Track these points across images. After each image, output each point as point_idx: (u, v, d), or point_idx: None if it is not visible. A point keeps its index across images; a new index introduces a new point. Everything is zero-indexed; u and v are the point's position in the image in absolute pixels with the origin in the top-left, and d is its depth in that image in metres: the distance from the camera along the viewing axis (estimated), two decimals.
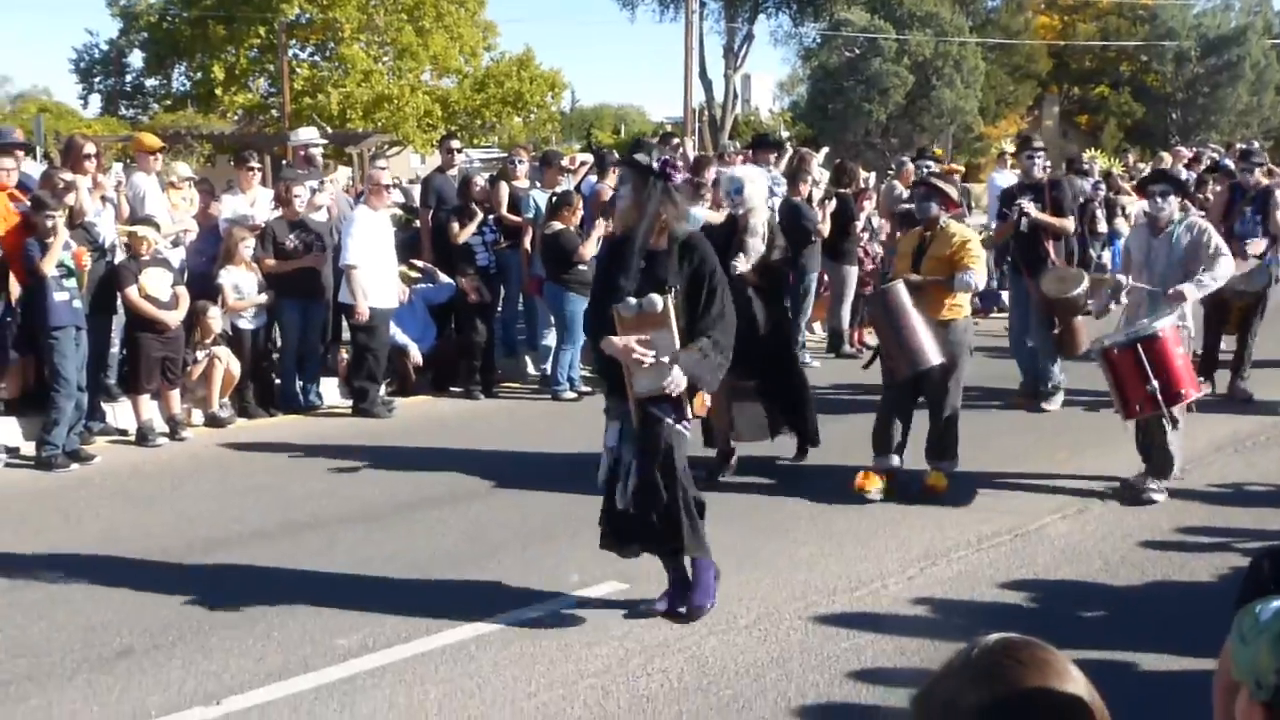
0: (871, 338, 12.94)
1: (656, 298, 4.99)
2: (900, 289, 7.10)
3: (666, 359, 5.01)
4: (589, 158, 13.83)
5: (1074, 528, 6.67)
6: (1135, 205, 15.48)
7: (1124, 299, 7.62)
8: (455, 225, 10.51)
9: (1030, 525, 6.64)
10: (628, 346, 5.03)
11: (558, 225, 10.27)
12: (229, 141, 27.82)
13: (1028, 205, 9.63)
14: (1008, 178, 16.33)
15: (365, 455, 8.43)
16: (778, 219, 11.16)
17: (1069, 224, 9.92)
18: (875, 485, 7.18)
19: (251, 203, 10.41)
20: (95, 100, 38.66)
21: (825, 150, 16.45)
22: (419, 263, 11.19)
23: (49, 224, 8.12)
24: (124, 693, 4.63)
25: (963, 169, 19.98)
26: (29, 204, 8.44)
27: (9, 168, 8.60)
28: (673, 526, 5.20)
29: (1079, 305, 8.87)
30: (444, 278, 10.70)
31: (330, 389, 10.28)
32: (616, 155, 13.00)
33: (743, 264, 7.53)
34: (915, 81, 38.86)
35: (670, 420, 5.15)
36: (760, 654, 4.97)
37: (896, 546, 6.34)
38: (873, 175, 12.10)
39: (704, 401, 5.26)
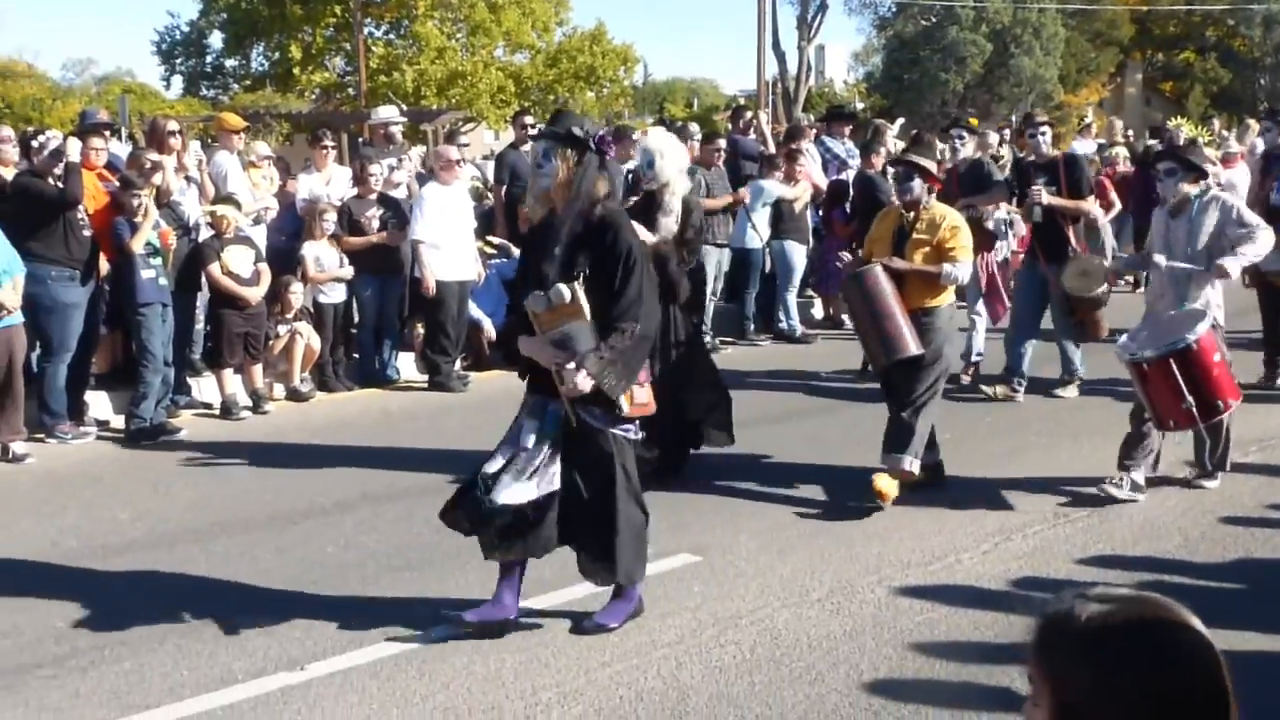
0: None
1: (564, 287, 4.55)
2: (879, 272, 6.52)
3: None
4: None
5: (1153, 503, 6.58)
6: (1222, 174, 15.15)
7: (1151, 279, 7.01)
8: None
9: (1108, 501, 6.56)
10: (547, 355, 4.64)
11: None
12: (306, 120, 28.19)
13: (1039, 193, 8.74)
14: (1088, 146, 16.09)
15: (440, 428, 8.56)
16: (852, 191, 11.08)
17: (1089, 205, 9.07)
18: (891, 490, 6.52)
19: (327, 181, 10.58)
20: (177, 81, 39.48)
21: (900, 121, 16.26)
22: (494, 239, 11.29)
23: (137, 203, 8.34)
24: (211, 657, 4.77)
25: None
26: (117, 183, 8.67)
27: (98, 148, 8.82)
28: (605, 548, 4.80)
29: (1101, 301, 8.44)
30: (517, 252, 10.79)
31: (407, 363, 10.43)
32: (695, 127, 12.98)
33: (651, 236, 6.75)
34: (993, 49, 38.22)
35: (604, 425, 4.71)
36: (833, 627, 4.98)
37: (971, 521, 6.31)
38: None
39: (634, 399, 4.74)
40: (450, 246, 9.85)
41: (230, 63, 38.92)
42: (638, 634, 4.93)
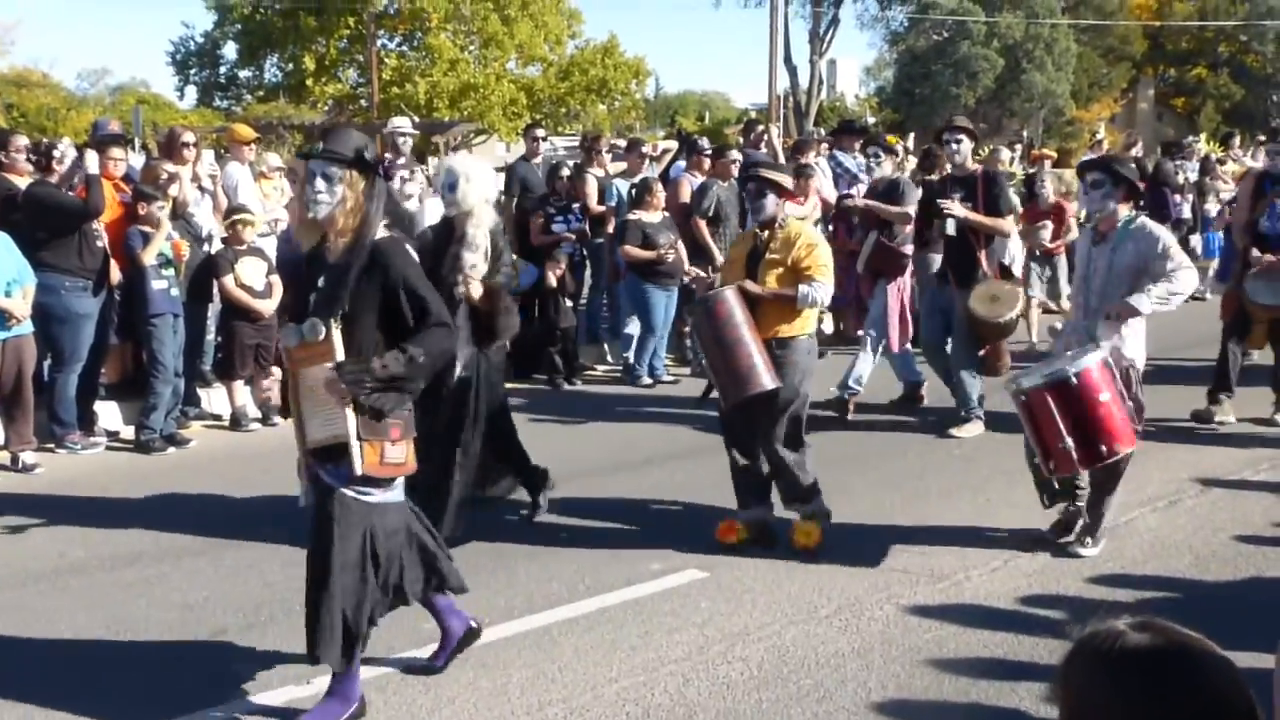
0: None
1: (319, 323, 4.03)
2: (730, 297, 5.90)
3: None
4: (673, 144, 13.84)
5: (1164, 521, 6.54)
6: (1230, 192, 15.11)
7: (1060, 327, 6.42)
8: (538, 220, 10.59)
9: (1119, 518, 6.51)
10: (296, 390, 4.16)
11: (639, 214, 10.31)
12: (320, 132, 28.29)
13: (952, 204, 8.09)
14: None
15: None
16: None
17: (1006, 225, 8.35)
18: (812, 538, 6.11)
19: None
20: (191, 92, 39.75)
21: (912, 135, 16.26)
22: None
23: (153, 215, 8.38)
24: (218, 670, 4.77)
25: (1055, 154, 19.60)
26: (130, 194, 8.70)
27: (118, 158, 8.87)
28: (311, 627, 4.17)
29: (1009, 330, 7.83)
30: (526, 263, 10.83)
31: None
32: (706, 142, 13.00)
33: (466, 285, 6.07)
34: (1005, 65, 38.28)
35: (336, 484, 4.12)
36: (841, 644, 4.96)
37: (980, 538, 6.28)
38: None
39: (379, 453, 4.09)
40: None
41: (244, 74, 39.21)
42: (645, 650, 4.92)
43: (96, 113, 29.01)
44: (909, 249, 9.14)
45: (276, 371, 8.89)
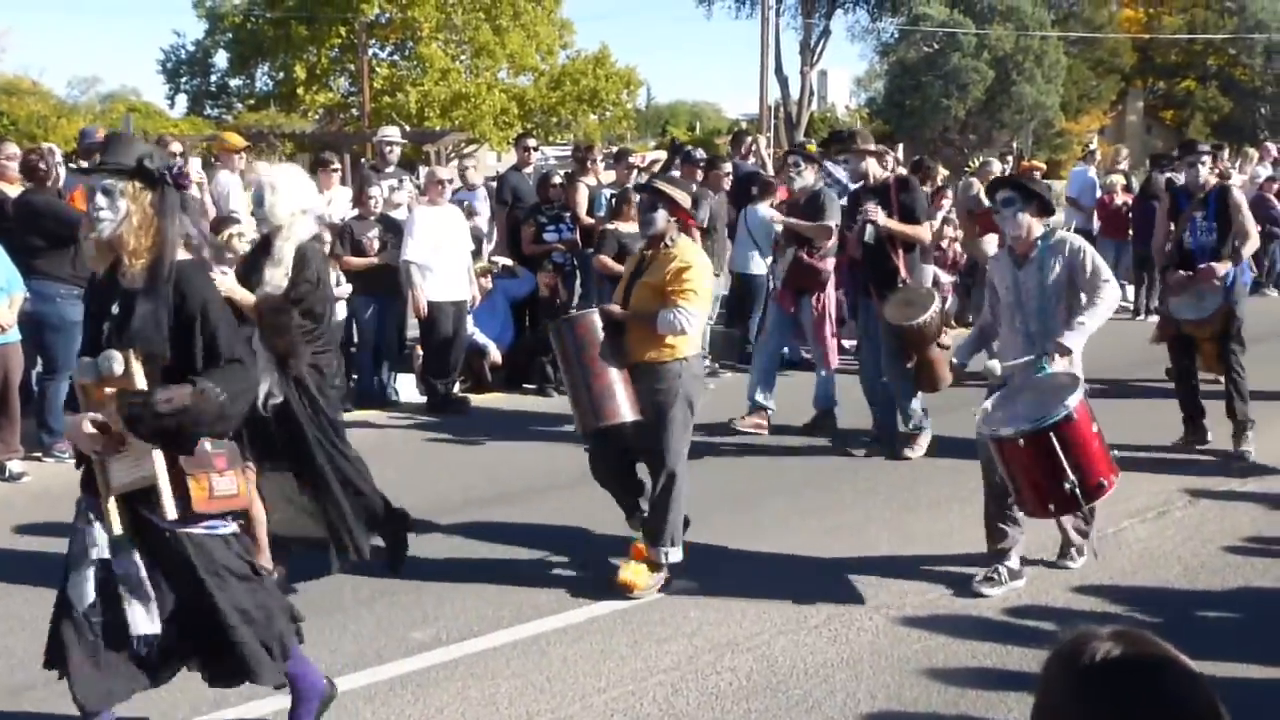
0: (947, 337, 12.85)
1: (116, 355, 3.64)
2: (594, 318, 5.64)
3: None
4: (662, 155, 13.88)
5: (1153, 532, 6.56)
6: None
7: (1001, 337, 6.01)
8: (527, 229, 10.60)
9: (1108, 529, 6.53)
10: (79, 429, 3.72)
11: (617, 224, 10.31)
12: (310, 140, 28.30)
13: (874, 211, 7.87)
14: (1089, 173, 16.12)
15: (438, 451, 8.54)
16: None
17: (924, 232, 8.23)
18: (641, 580, 5.65)
19: (328, 201, 10.59)
20: (181, 100, 39.68)
21: (901, 146, 16.31)
22: (500, 259, 11.33)
23: None
24: (200, 681, 4.74)
25: (1044, 165, 19.69)
26: None
27: None
28: (226, 652, 3.92)
29: (928, 334, 7.48)
30: (524, 271, 10.87)
31: (407, 384, 10.42)
32: (701, 152, 13.02)
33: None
34: (995, 76, 38.40)
35: (170, 527, 3.73)
36: (830, 654, 4.96)
37: (971, 549, 6.28)
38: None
39: (206, 487, 3.72)
40: (442, 267, 9.80)
41: (235, 82, 39.16)
42: (634, 660, 4.91)
43: (87, 121, 28.96)
44: (830, 262, 8.85)
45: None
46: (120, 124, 25.46)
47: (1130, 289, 14.37)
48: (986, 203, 9.67)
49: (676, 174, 12.04)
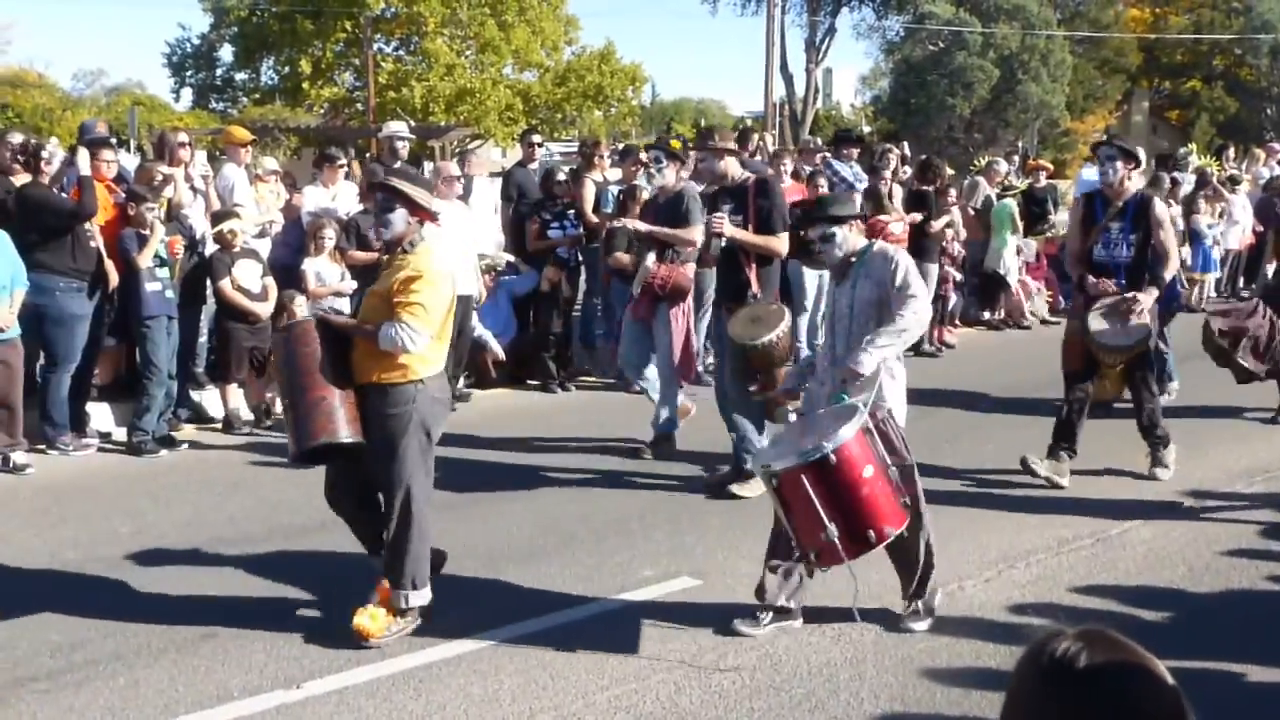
0: (952, 336, 12.85)
1: None
2: (311, 329, 5.03)
3: None
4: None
5: (1157, 533, 6.54)
6: (1237, 201, 15.14)
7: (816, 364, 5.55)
8: (533, 225, 10.57)
9: (1113, 530, 6.52)
10: None
11: (625, 220, 10.28)
12: (315, 135, 28.32)
13: (720, 222, 7.00)
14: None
15: (441, 446, 8.51)
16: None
17: (778, 244, 7.13)
18: (376, 627, 5.02)
19: (333, 196, 10.59)
20: (186, 94, 39.72)
21: (905, 144, 16.28)
22: (504, 255, 11.33)
23: (145, 217, 8.36)
24: (208, 674, 4.74)
25: (1050, 165, 19.64)
26: (124, 196, 8.68)
27: (108, 160, 8.85)
28: None
29: (775, 355, 6.76)
30: (528, 267, 10.86)
31: None
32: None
33: None
34: (1000, 76, 38.35)
35: None
36: (834, 653, 4.95)
37: (974, 549, 6.27)
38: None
39: None
40: (447, 263, 9.78)
41: (240, 76, 39.20)
42: (637, 658, 4.90)
43: (91, 114, 28.96)
44: (691, 269, 8.16)
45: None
46: (125, 117, 25.47)
47: None
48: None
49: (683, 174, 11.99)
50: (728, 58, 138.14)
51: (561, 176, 11.37)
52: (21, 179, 8.39)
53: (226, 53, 38.88)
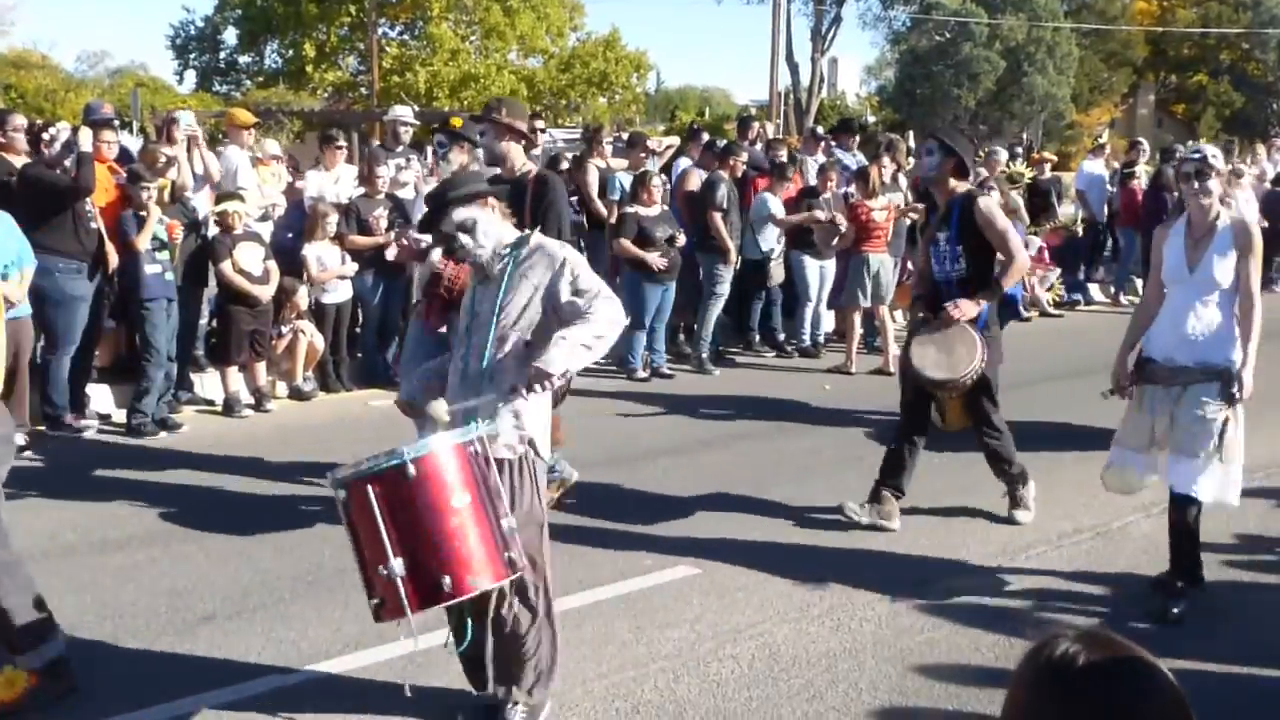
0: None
1: None
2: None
3: None
4: (675, 140, 13.80)
5: (1158, 527, 6.50)
6: (1240, 195, 15.08)
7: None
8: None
9: (1113, 523, 6.51)
10: None
11: (637, 207, 10.27)
12: (318, 118, 28.26)
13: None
14: (1098, 166, 16.03)
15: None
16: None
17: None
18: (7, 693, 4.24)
19: (335, 180, 10.56)
20: (190, 76, 39.67)
21: (911, 134, 16.25)
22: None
23: (144, 198, 8.33)
24: (205, 657, 4.74)
25: (1054, 157, 19.59)
26: (125, 177, 8.66)
27: (109, 140, 8.82)
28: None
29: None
30: None
31: None
32: (707, 135, 12.96)
33: None
34: (1006, 67, 38.28)
35: None
36: (833, 644, 4.94)
37: (974, 541, 6.26)
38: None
39: None
40: None
41: (244, 59, 39.14)
42: (635, 646, 4.90)
43: (95, 95, 28.95)
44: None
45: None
46: (129, 99, 25.41)
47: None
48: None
49: (688, 161, 11.97)
50: (733, 46, 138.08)
51: (565, 165, 11.35)
52: (23, 160, 8.37)
53: (230, 35, 38.85)
